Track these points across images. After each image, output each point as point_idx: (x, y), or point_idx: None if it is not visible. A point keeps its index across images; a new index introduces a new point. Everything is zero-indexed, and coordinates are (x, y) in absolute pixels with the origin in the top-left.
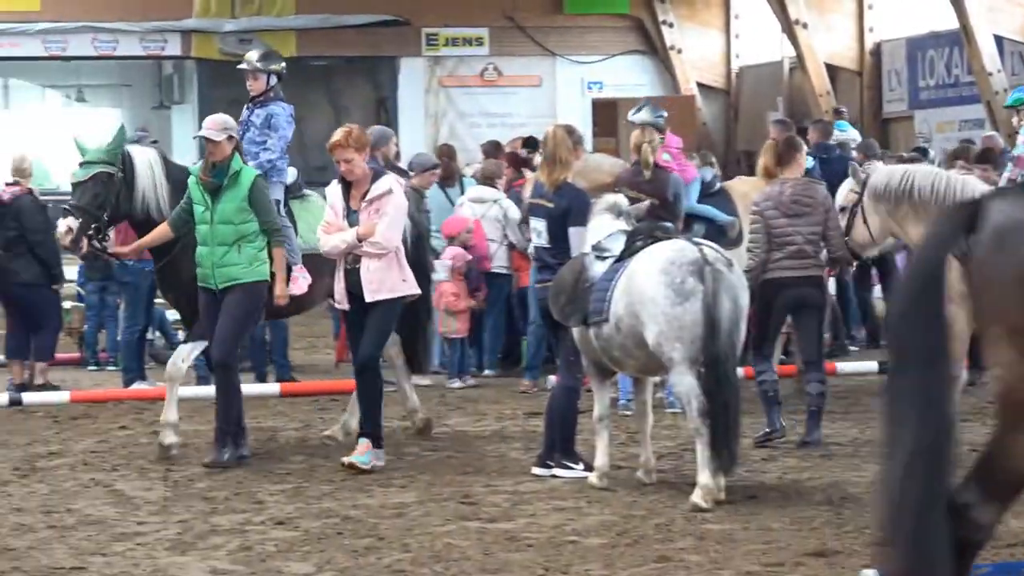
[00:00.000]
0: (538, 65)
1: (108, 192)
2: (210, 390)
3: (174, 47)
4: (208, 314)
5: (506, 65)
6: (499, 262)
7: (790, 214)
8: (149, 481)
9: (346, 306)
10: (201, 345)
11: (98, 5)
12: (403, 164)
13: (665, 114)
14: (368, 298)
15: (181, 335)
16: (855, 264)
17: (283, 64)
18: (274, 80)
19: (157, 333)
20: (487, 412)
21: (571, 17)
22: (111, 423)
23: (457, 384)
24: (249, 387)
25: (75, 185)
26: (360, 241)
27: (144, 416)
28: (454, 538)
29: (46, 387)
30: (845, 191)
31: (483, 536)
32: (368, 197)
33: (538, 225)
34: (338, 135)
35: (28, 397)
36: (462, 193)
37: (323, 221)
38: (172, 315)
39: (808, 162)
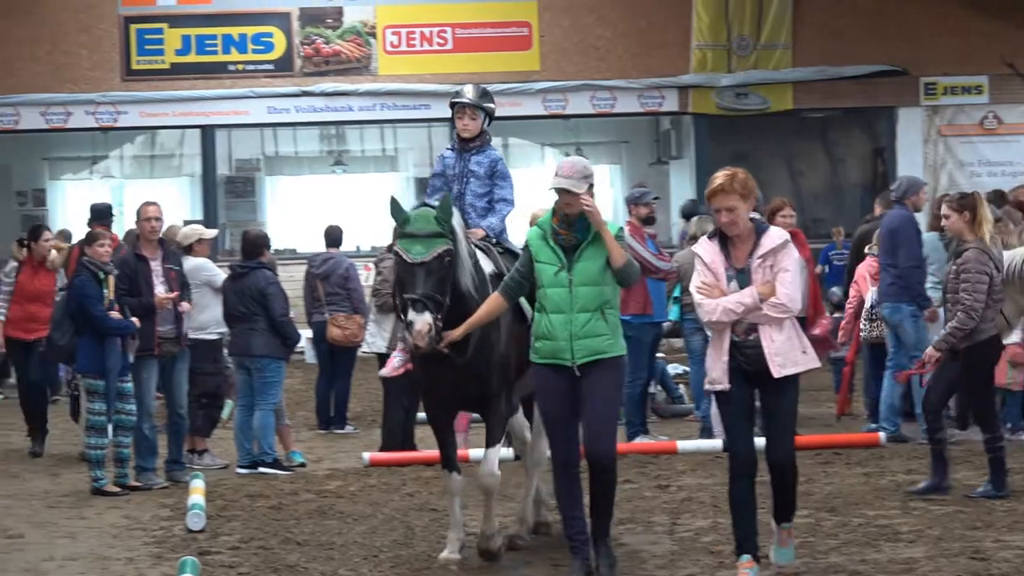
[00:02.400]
0: None
1: (449, 273)
2: (713, 444)
3: (671, 103)
4: (558, 398)
5: (1006, 113)
6: None
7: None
8: (655, 535)
9: (726, 386)
10: (500, 447)
11: (597, 64)
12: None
13: None
14: (776, 373)
15: (682, 388)
16: None
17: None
18: (488, 122)
19: (658, 387)
20: None
21: None
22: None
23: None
24: None
25: (414, 267)
26: (761, 302)
27: (647, 470)
28: None
29: None
30: None
31: None
32: (760, 252)
33: None
34: (720, 178)
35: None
36: None
37: (698, 283)
38: (673, 368)
39: None
